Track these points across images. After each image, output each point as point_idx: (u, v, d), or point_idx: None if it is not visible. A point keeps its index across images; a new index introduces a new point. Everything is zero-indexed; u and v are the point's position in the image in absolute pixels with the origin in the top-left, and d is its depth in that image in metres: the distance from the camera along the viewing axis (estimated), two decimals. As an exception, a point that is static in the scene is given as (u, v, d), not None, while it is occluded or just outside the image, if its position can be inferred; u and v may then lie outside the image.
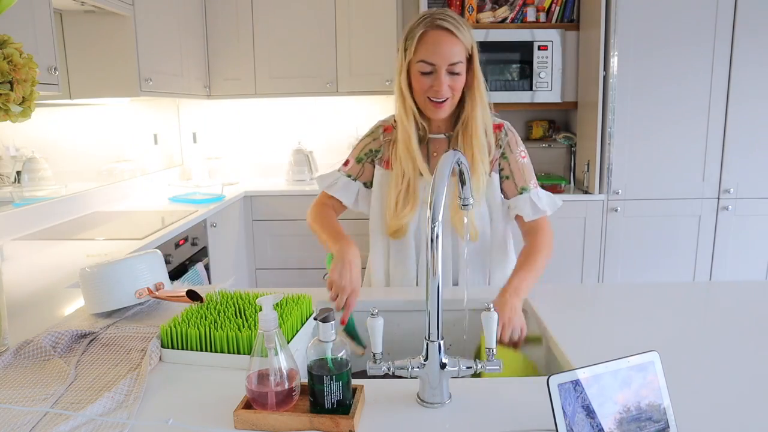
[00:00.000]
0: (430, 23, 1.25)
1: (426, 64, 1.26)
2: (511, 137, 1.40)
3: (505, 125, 1.42)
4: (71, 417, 0.81)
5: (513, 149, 1.40)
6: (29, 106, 1.10)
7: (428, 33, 1.25)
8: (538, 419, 0.79)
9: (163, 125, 3.58)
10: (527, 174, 1.40)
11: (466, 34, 1.26)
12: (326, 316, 0.78)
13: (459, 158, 0.91)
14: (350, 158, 1.49)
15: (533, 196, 1.39)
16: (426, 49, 1.25)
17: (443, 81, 1.26)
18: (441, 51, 1.24)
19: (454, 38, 1.24)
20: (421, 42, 1.26)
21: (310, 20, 3.42)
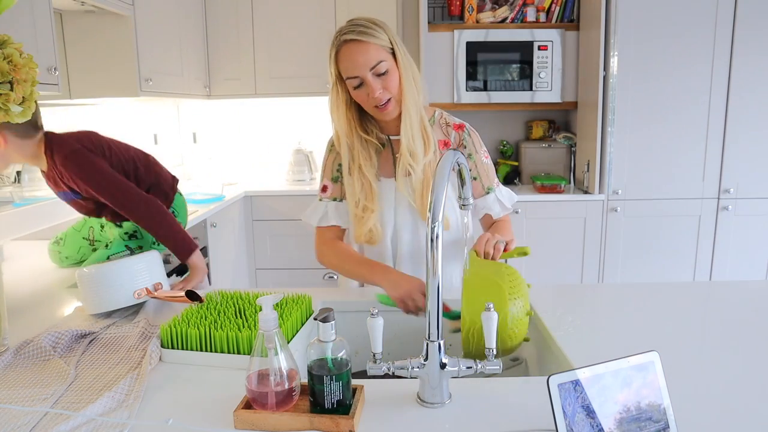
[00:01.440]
0: (339, 41, 1.28)
1: (351, 78, 1.28)
2: (474, 138, 1.43)
3: (466, 125, 1.44)
4: (71, 417, 0.81)
5: (477, 149, 1.42)
6: (29, 106, 1.10)
7: (340, 50, 1.28)
8: (538, 419, 0.79)
9: (163, 125, 3.58)
10: (491, 173, 1.45)
11: (377, 34, 1.27)
12: (326, 316, 0.78)
13: (458, 158, 0.91)
14: (326, 182, 1.48)
15: (498, 194, 1.44)
16: (345, 66, 1.28)
17: (374, 87, 1.26)
18: (357, 61, 1.26)
19: (364, 45, 1.25)
20: (339, 60, 1.29)
21: (310, 20, 3.42)
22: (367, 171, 1.37)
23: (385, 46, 1.28)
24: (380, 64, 1.26)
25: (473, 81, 3.24)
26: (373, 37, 1.26)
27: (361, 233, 1.38)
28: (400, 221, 1.41)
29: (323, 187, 1.48)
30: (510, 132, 3.65)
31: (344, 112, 1.35)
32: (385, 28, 1.30)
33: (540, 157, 3.46)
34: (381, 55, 1.26)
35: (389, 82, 1.28)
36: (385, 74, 1.27)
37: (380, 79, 1.27)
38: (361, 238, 1.39)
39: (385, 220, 1.40)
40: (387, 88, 1.28)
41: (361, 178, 1.37)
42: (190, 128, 3.89)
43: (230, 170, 3.86)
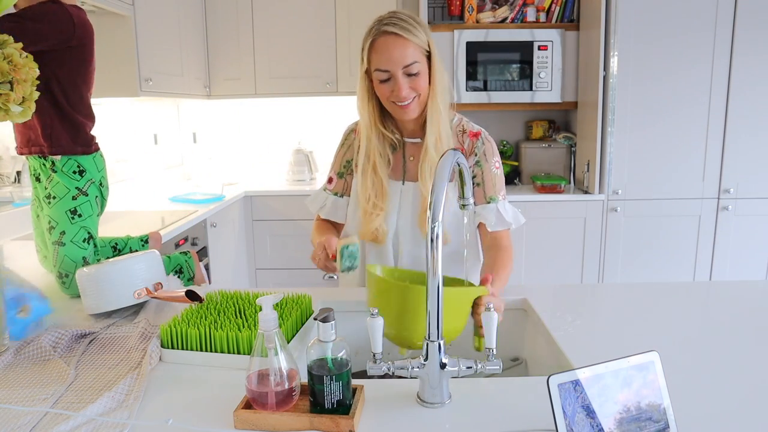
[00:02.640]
0: (377, 30, 1.24)
1: (381, 71, 1.25)
2: (487, 146, 1.39)
3: (482, 133, 1.40)
4: (71, 417, 0.81)
5: (488, 158, 1.38)
6: (29, 106, 1.10)
7: (377, 40, 1.24)
8: (538, 419, 0.79)
9: (163, 125, 3.58)
10: (498, 185, 1.39)
11: (418, 33, 1.24)
12: (326, 316, 0.78)
13: (458, 158, 0.91)
14: (332, 174, 1.49)
15: (500, 206, 1.37)
16: (378, 57, 1.24)
17: (402, 85, 1.25)
18: (392, 56, 1.23)
19: (403, 40, 1.22)
20: (373, 50, 1.25)
21: (310, 20, 3.42)
22: (381, 168, 1.36)
23: (422, 47, 1.26)
24: (414, 65, 1.24)
25: (473, 81, 3.24)
26: (414, 35, 1.23)
27: (367, 231, 1.38)
28: (402, 226, 1.40)
29: (329, 178, 1.50)
30: (510, 132, 3.65)
31: (367, 103, 1.33)
32: (426, 29, 1.28)
33: (540, 157, 3.46)
34: (417, 55, 1.24)
35: (418, 83, 1.26)
36: (416, 75, 1.25)
37: (409, 78, 1.25)
38: (367, 235, 1.39)
39: (389, 223, 1.40)
40: (414, 89, 1.26)
41: (373, 175, 1.36)
42: (190, 128, 3.89)
43: (230, 170, 3.86)
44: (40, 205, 1.56)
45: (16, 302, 1.10)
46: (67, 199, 1.50)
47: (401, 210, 1.39)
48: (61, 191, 1.51)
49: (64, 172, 1.52)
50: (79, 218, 1.52)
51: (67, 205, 1.50)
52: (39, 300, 1.14)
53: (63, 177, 1.51)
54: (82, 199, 1.53)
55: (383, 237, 1.38)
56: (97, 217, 1.58)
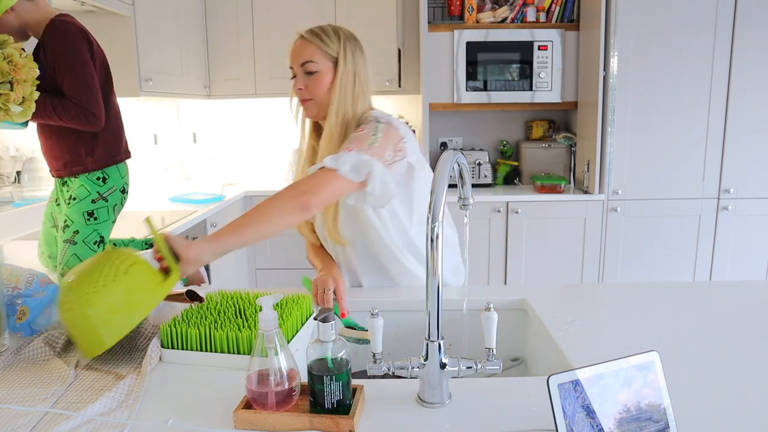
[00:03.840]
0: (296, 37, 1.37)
1: (290, 69, 1.38)
2: (362, 126, 1.30)
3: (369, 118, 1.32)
4: (71, 417, 0.81)
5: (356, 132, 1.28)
6: (29, 106, 1.10)
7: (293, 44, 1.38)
8: (538, 419, 0.79)
9: (163, 125, 3.58)
10: (351, 143, 1.24)
11: (326, 40, 1.33)
12: (326, 316, 0.78)
13: (458, 158, 0.91)
14: None
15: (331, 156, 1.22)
16: (289, 57, 1.38)
17: (298, 81, 1.35)
18: (293, 53, 1.36)
19: (306, 42, 1.34)
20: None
21: (310, 20, 3.41)
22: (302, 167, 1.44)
23: (327, 53, 1.33)
24: (309, 64, 1.33)
25: (473, 81, 3.24)
26: (319, 40, 1.33)
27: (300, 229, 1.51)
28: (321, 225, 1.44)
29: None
30: (510, 132, 3.65)
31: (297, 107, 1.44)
32: (346, 42, 1.34)
33: (540, 157, 3.46)
34: (315, 56, 1.33)
35: (314, 84, 1.33)
36: (312, 74, 1.33)
37: (307, 77, 1.34)
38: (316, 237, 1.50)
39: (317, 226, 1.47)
40: (308, 88, 1.34)
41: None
42: (190, 128, 3.89)
43: (230, 170, 3.86)
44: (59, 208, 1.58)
45: (13, 308, 1.10)
46: (87, 202, 1.55)
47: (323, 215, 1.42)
48: (82, 193, 1.57)
49: (89, 178, 1.59)
50: (95, 221, 1.55)
51: (85, 207, 1.55)
52: (37, 294, 1.13)
53: (87, 182, 1.59)
54: (101, 204, 1.59)
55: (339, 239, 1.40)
56: (111, 224, 1.60)
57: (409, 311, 1.31)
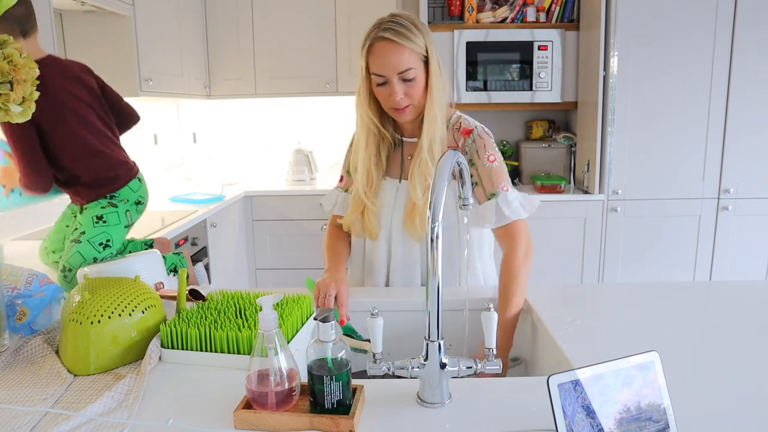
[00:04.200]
0: (375, 35, 1.25)
1: (377, 76, 1.26)
2: (479, 142, 1.35)
3: (475, 130, 1.36)
4: (71, 417, 0.81)
5: (480, 155, 1.34)
6: (29, 106, 1.10)
7: (374, 45, 1.25)
8: (538, 419, 0.79)
9: (163, 125, 3.58)
10: (495, 178, 1.33)
11: (415, 38, 1.24)
12: (326, 316, 0.78)
13: (458, 158, 0.91)
14: (343, 173, 1.51)
15: (501, 201, 1.32)
16: (374, 62, 1.25)
17: (397, 91, 1.25)
18: (388, 62, 1.24)
19: (398, 46, 1.23)
20: (370, 55, 1.26)
21: (310, 20, 3.42)
22: (374, 166, 1.37)
23: (420, 53, 1.26)
24: (409, 71, 1.24)
25: (473, 81, 3.24)
26: (410, 41, 1.23)
27: (347, 221, 1.42)
28: (395, 225, 1.39)
29: (341, 177, 1.52)
30: (510, 132, 3.65)
31: (366, 104, 1.34)
32: (425, 34, 1.27)
33: (540, 157, 3.46)
34: (413, 61, 1.24)
35: (414, 89, 1.27)
36: (411, 81, 1.26)
37: (405, 84, 1.26)
38: (346, 225, 1.42)
39: (382, 220, 1.39)
40: (409, 95, 1.27)
41: (366, 173, 1.37)
42: (190, 128, 3.89)
43: (230, 170, 3.86)
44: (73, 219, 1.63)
45: (13, 308, 1.10)
46: (96, 208, 1.57)
47: (395, 208, 1.39)
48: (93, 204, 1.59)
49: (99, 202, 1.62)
50: (103, 224, 1.56)
51: (94, 212, 1.57)
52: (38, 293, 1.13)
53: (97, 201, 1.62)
54: (110, 210, 1.59)
55: (374, 233, 1.39)
56: (124, 228, 1.60)
57: (409, 311, 1.31)
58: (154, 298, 1.06)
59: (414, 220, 1.34)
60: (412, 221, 1.34)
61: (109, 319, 0.97)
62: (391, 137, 1.40)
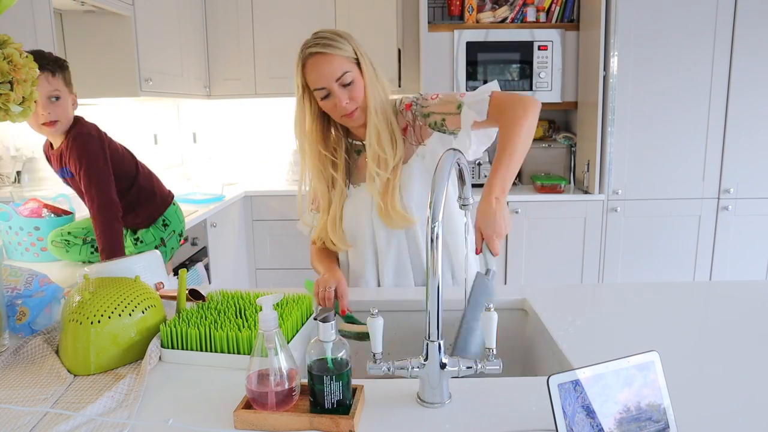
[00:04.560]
0: (304, 54, 1.30)
1: (319, 90, 1.31)
2: (419, 100, 1.39)
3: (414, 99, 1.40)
4: (71, 417, 0.81)
5: (426, 104, 1.36)
6: (29, 106, 1.10)
7: (307, 62, 1.30)
8: (538, 419, 0.79)
9: (163, 125, 3.58)
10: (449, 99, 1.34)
11: (340, 45, 1.29)
12: (326, 316, 0.78)
13: (458, 158, 0.91)
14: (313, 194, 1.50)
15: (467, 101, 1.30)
16: (311, 77, 1.30)
17: (340, 97, 1.29)
18: (323, 73, 1.28)
19: (328, 56, 1.28)
20: (306, 72, 1.31)
21: (310, 20, 3.42)
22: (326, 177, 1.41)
23: (350, 57, 1.30)
24: (345, 75, 1.29)
25: (473, 81, 3.24)
26: (338, 49, 1.29)
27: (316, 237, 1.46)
28: (378, 227, 1.41)
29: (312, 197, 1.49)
30: (510, 132, 3.65)
31: (313, 121, 1.39)
32: (349, 39, 1.32)
33: (540, 157, 3.46)
34: (345, 65, 1.29)
35: (355, 92, 1.31)
36: (350, 84, 1.30)
37: (346, 89, 1.30)
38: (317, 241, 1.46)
39: (363, 226, 1.41)
40: (353, 98, 1.31)
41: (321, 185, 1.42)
42: (190, 128, 3.89)
43: (230, 170, 3.86)
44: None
45: (13, 309, 1.10)
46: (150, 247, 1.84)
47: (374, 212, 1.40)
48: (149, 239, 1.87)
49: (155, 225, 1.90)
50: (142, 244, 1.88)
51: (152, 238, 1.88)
52: (38, 293, 1.13)
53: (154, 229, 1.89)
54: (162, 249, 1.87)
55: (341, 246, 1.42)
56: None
57: (409, 311, 1.31)
58: (154, 298, 1.06)
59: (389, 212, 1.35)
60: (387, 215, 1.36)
61: (109, 319, 0.97)
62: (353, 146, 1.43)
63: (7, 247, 1.79)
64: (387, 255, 1.42)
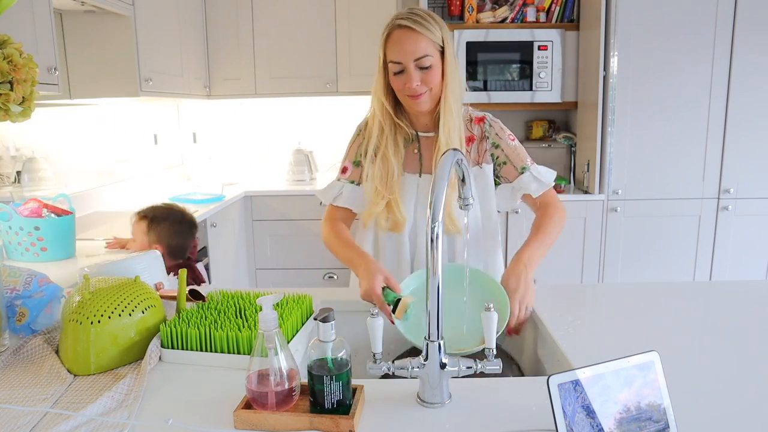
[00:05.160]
0: (392, 24, 1.29)
1: (394, 63, 1.29)
2: (495, 126, 1.43)
3: (487, 117, 1.44)
4: (71, 417, 0.81)
5: (501, 136, 1.42)
6: (29, 106, 1.10)
7: (392, 34, 1.29)
8: (538, 419, 0.79)
9: (163, 125, 3.58)
10: (521, 153, 1.42)
11: (431, 28, 1.27)
12: (326, 316, 0.78)
13: (459, 158, 0.91)
14: (347, 164, 1.47)
15: (534, 172, 1.41)
16: (391, 49, 1.29)
17: (413, 77, 1.28)
18: (404, 48, 1.27)
19: (415, 34, 1.26)
20: (388, 43, 1.30)
21: (310, 20, 3.42)
22: (392, 157, 1.38)
23: (436, 42, 1.29)
24: (425, 58, 1.27)
25: (473, 81, 3.24)
26: (427, 30, 1.27)
27: (369, 215, 1.39)
28: (421, 219, 1.40)
29: (343, 168, 1.48)
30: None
31: (383, 94, 1.36)
32: (442, 26, 1.31)
33: (540, 157, 3.45)
34: (429, 49, 1.27)
35: (430, 77, 1.29)
36: (428, 69, 1.28)
37: (422, 72, 1.28)
38: (368, 219, 1.40)
39: (406, 214, 1.39)
40: (426, 83, 1.29)
41: (384, 164, 1.38)
42: (190, 128, 3.89)
43: (230, 170, 3.86)
44: None
45: (12, 309, 1.10)
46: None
47: (419, 202, 1.40)
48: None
49: None
50: None
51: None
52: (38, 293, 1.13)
53: None
54: None
55: (400, 226, 1.39)
56: None
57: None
58: (154, 298, 1.06)
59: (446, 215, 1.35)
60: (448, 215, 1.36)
61: (109, 319, 0.97)
62: (406, 132, 1.41)
63: (7, 247, 1.79)
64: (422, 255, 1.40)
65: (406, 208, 1.39)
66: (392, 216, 1.39)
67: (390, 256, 1.43)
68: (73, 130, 2.69)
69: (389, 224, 1.40)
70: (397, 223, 1.39)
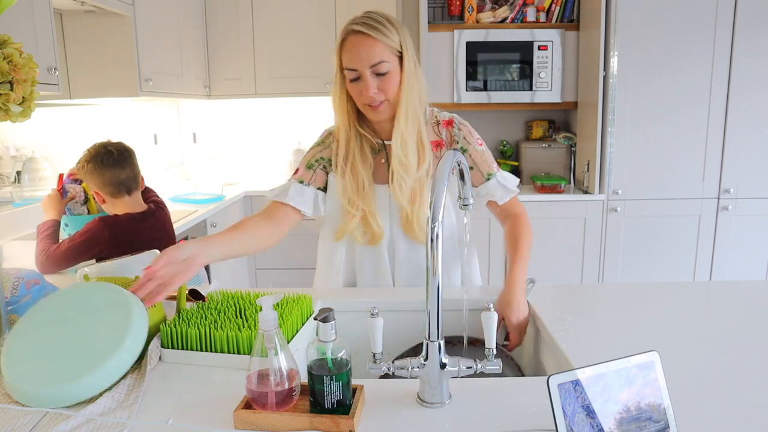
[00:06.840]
0: (347, 30, 1.25)
1: (350, 71, 1.24)
2: (464, 129, 1.39)
3: (455, 120, 1.40)
4: (71, 417, 0.81)
5: (470, 140, 1.38)
6: (29, 106, 1.10)
7: (347, 39, 1.24)
8: (538, 419, 0.79)
9: (163, 125, 3.58)
10: (489, 159, 1.40)
11: (388, 33, 1.22)
12: (326, 316, 0.78)
13: (459, 159, 0.91)
14: (300, 166, 1.43)
15: (500, 179, 1.38)
16: (346, 56, 1.24)
17: (369, 84, 1.23)
18: (359, 55, 1.22)
19: (370, 39, 1.21)
20: (343, 49, 1.25)
21: (310, 20, 3.42)
22: (362, 169, 1.34)
23: (393, 48, 1.24)
24: (381, 64, 1.22)
25: (473, 81, 3.24)
26: (383, 35, 1.22)
27: (344, 230, 1.36)
28: (396, 230, 1.38)
29: (295, 170, 1.43)
30: (510, 132, 3.65)
31: (344, 103, 1.32)
32: (400, 30, 1.26)
33: (540, 157, 3.46)
34: (385, 54, 1.23)
35: (387, 84, 1.24)
36: (384, 75, 1.23)
37: (378, 78, 1.24)
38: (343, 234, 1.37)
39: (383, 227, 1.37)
40: (383, 90, 1.25)
41: (354, 176, 1.34)
42: (190, 128, 3.89)
43: (230, 170, 3.86)
44: None
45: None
46: None
47: (392, 213, 1.37)
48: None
49: None
50: None
51: None
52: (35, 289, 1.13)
53: None
54: None
55: (378, 238, 1.37)
56: None
57: (409, 311, 1.31)
58: None
59: (413, 226, 1.34)
60: (410, 227, 1.35)
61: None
62: (372, 141, 1.37)
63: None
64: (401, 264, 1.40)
65: (381, 219, 1.37)
66: (369, 229, 1.36)
67: (369, 269, 1.42)
68: (73, 130, 2.69)
69: (366, 238, 1.37)
70: (374, 236, 1.36)
